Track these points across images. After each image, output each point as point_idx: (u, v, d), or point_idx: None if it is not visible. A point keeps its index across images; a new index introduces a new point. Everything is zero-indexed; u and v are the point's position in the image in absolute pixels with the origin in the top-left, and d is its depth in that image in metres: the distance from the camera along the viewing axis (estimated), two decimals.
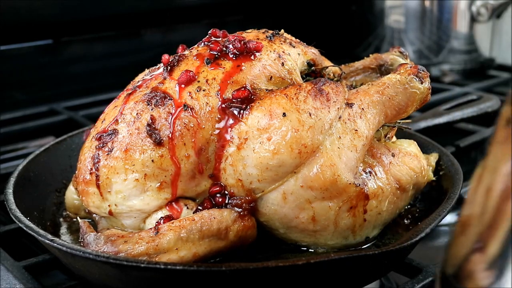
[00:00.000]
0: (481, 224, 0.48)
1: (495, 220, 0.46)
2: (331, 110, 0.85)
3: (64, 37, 1.75)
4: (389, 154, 0.90)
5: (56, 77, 1.75)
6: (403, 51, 1.05)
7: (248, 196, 0.85)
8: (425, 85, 0.92)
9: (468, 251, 0.49)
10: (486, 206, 0.48)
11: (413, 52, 1.97)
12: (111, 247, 0.80)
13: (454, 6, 1.91)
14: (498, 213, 0.46)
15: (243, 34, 0.96)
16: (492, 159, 0.48)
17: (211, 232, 0.82)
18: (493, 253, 0.45)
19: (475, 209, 0.49)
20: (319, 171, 0.82)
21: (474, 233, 0.49)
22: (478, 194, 0.50)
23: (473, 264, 0.47)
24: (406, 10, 1.97)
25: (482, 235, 0.47)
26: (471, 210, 0.51)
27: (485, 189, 0.49)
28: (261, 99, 0.85)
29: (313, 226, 0.86)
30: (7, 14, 1.55)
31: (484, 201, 0.48)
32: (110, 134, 0.87)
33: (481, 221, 0.48)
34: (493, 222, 0.46)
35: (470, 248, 0.49)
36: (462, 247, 0.50)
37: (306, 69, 0.97)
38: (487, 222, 0.47)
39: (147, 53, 1.89)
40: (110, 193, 0.86)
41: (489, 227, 0.47)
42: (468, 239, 0.49)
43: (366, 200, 0.86)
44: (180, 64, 0.90)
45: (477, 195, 0.51)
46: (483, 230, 0.47)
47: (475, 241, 0.48)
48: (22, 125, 1.54)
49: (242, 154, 0.84)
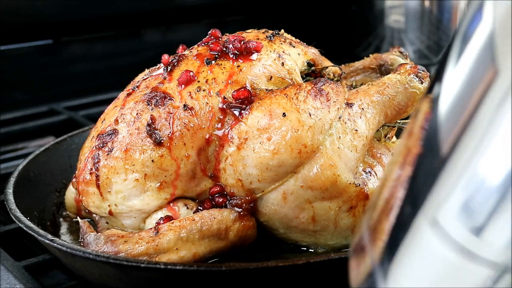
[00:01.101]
0: (370, 219, 0.45)
1: (377, 228, 0.43)
2: (331, 110, 0.85)
3: (64, 37, 1.74)
4: (389, 154, 0.90)
5: (56, 77, 1.75)
6: (403, 51, 1.05)
7: (248, 196, 0.85)
8: (425, 85, 0.92)
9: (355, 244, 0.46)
10: (379, 198, 0.45)
11: (413, 52, 1.97)
12: (111, 247, 0.80)
13: (454, 6, 1.91)
14: (380, 222, 0.43)
15: (243, 34, 0.96)
16: (398, 148, 0.45)
17: (211, 232, 0.82)
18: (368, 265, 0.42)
19: (375, 191, 0.46)
20: (319, 171, 0.82)
21: (366, 223, 0.45)
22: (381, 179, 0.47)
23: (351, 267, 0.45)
24: (406, 10, 1.96)
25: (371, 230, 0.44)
26: (376, 192, 0.47)
27: (384, 176, 0.46)
28: (261, 99, 0.85)
29: (313, 226, 0.86)
30: (7, 14, 1.55)
31: (380, 190, 0.45)
32: (110, 134, 0.87)
33: (371, 214, 0.45)
34: (376, 228, 0.43)
35: (357, 241, 0.46)
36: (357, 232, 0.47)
37: (306, 69, 0.97)
38: (374, 221, 0.44)
39: (147, 53, 1.89)
40: (110, 193, 0.85)
41: (373, 229, 0.43)
42: (361, 227, 0.46)
43: (366, 200, 0.85)
44: (180, 64, 0.90)
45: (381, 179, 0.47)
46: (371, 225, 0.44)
47: (360, 237, 0.45)
48: (22, 125, 1.53)
49: (242, 154, 0.84)
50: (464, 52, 0.40)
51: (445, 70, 0.41)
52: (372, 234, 0.43)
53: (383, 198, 0.44)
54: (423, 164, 0.40)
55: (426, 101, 0.43)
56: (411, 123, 0.44)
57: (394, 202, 0.42)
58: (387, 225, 0.42)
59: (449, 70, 0.41)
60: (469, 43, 0.40)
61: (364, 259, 0.43)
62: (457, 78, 0.40)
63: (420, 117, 0.42)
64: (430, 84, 0.43)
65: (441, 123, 0.39)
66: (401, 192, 0.41)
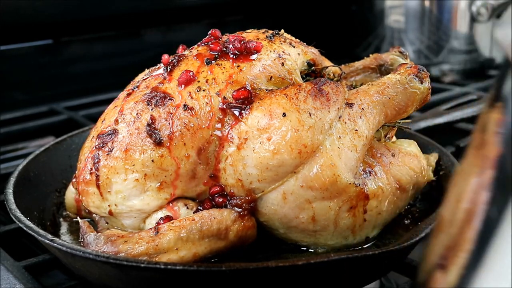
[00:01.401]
0: (448, 237, 0.45)
1: (458, 241, 0.43)
2: (331, 110, 0.85)
3: (64, 37, 1.75)
4: (389, 154, 0.90)
5: (56, 77, 1.75)
6: (403, 51, 1.05)
7: (248, 196, 0.85)
8: (425, 85, 0.92)
9: (435, 264, 0.46)
10: (454, 217, 0.45)
11: (413, 52, 1.97)
12: (111, 247, 0.80)
13: (454, 6, 1.91)
14: (461, 234, 0.43)
15: (243, 34, 0.96)
16: (467, 164, 0.46)
17: (211, 232, 0.82)
18: (451, 281, 0.42)
19: (447, 214, 0.47)
20: (319, 171, 0.82)
21: (441, 244, 0.46)
22: (451, 198, 0.48)
23: (435, 283, 0.44)
24: (406, 10, 1.97)
25: (446, 252, 0.45)
26: (445, 211, 0.48)
27: (456, 195, 0.47)
28: (261, 99, 0.85)
29: (313, 226, 0.86)
30: (7, 14, 1.55)
31: (454, 209, 0.46)
32: (110, 134, 0.87)
33: (448, 233, 0.45)
34: (456, 242, 0.44)
35: (436, 261, 0.46)
36: (432, 255, 0.47)
37: (306, 69, 0.97)
38: (452, 238, 0.44)
39: (147, 53, 1.89)
40: (110, 193, 0.86)
41: (453, 244, 0.44)
42: (436, 249, 0.47)
43: (366, 200, 0.86)
44: (180, 64, 0.90)
45: (451, 198, 0.48)
46: (448, 245, 0.45)
47: (440, 255, 0.45)
48: (22, 125, 1.54)
49: (242, 154, 0.84)
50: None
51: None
52: (452, 250, 0.44)
53: (462, 211, 0.44)
54: (507, 158, 0.41)
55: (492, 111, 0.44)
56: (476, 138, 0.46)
57: (477, 207, 0.42)
58: (471, 234, 0.42)
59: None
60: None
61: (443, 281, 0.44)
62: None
63: (491, 126, 0.43)
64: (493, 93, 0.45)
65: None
66: (484, 195, 0.42)
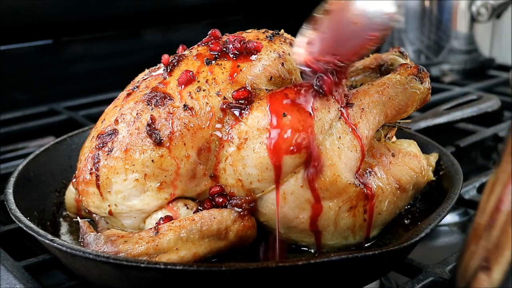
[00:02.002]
0: (489, 240, 0.46)
1: (501, 241, 0.44)
2: (331, 110, 0.85)
3: (64, 37, 1.75)
4: (389, 154, 0.90)
5: (56, 77, 1.75)
6: (403, 51, 1.05)
7: (248, 196, 0.85)
8: (425, 85, 0.92)
9: (477, 267, 0.47)
10: (495, 220, 0.46)
11: (413, 52, 1.97)
12: (111, 247, 0.80)
13: (454, 6, 1.91)
14: (504, 234, 0.44)
15: (243, 34, 0.96)
16: (504, 170, 0.46)
17: (211, 232, 0.83)
18: (496, 280, 0.43)
19: (485, 219, 0.48)
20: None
21: (482, 247, 0.47)
22: (490, 204, 0.49)
23: (480, 284, 0.45)
24: (406, 10, 1.97)
25: (489, 254, 0.45)
26: (482, 218, 0.48)
27: (495, 200, 0.47)
28: (261, 99, 0.85)
29: (313, 226, 0.86)
30: (7, 14, 1.55)
31: (494, 213, 0.46)
32: (110, 134, 0.87)
33: (489, 236, 0.46)
34: (499, 243, 0.44)
35: (478, 264, 0.47)
36: (472, 259, 0.48)
37: None
38: (494, 240, 0.45)
39: (147, 53, 1.89)
40: (110, 193, 0.86)
41: (495, 246, 0.45)
42: (477, 253, 0.47)
43: (366, 200, 0.86)
44: (180, 64, 0.90)
45: (489, 204, 0.49)
46: (490, 247, 0.45)
47: (483, 258, 0.46)
48: (22, 125, 1.54)
49: (242, 154, 0.84)
50: None
51: None
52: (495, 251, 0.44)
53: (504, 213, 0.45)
54: None
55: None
56: None
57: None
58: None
59: None
60: None
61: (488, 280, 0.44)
62: None
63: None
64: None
65: None
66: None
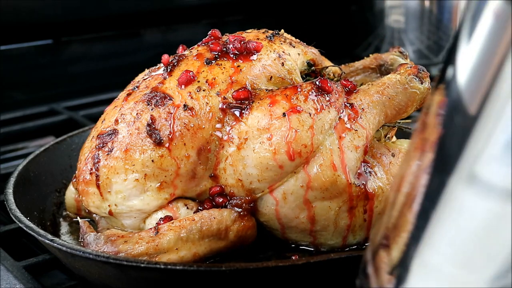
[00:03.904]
0: (390, 218, 0.46)
1: (398, 222, 0.45)
2: (331, 110, 0.85)
3: (64, 37, 1.74)
4: (389, 154, 0.90)
5: (56, 77, 1.75)
6: (403, 51, 1.05)
7: (248, 196, 0.85)
8: (425, 85, 0.92)
9: (378, 243, 0.47)
10: (396, 198, 0.46)
11: (413, 52, 1.97)
12: (111, 247, 0.80)
13: (454, 6, 1.91)
14: (402, 216, 0.45)
15: (243, 34, 0.96)
16: (411, 148, 0.47)
17: (211, 232, 0.83)
18: (394, 259, 0.44)
19: (390, 195, 0.48)
20: (319, 171, 0.82)
21: (384, 224, 0.47)
22: (396, 178, 0.49)
23: (379, 261, 0.46)
24: (406, 10, 1.96)
25: (388, 232, 0.46)
26: (390, 192, 0.49)
27: (400, 176, 0.47)
28: (261, 99, 0.85)
29: (313, 226, 0.86)
30: (7, 14, 1.55)
31: (396, 191, 0.47)
32: (110, 134, 0.87)
33: (390, 214, 0.46)
34: (397, 223, 0.45)
35: (379, 240, 0.47)
36: (377, 233, 0.48)
37: (306, 69, 0.97)
38: (394, 219, 0.46)
39: (147, 53, 1.89)
40: (110, 193, 0.86)
41: (394, 226, 0.45)
42: (380, 228, 0.48)
43: (366, 200, 0.85)
44: (180, 64, 0.90)
45: (395, 179, 0.49)
46: (390, 226, 0.46)
47: (383, 235, 0.47)
48: (22, 125, 1.53)
49: (242, 154, 0.84)
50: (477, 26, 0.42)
51: (457, 51, 0.43)
52: (393, 231, 0.45)
53: (402, 194, 0.45)
54: (447, 139, 0.42)
55: (436, 94, 0.45)
56: (421, 121, 0.46)
57: (417, 191, 0.43)
58: (411, 215, 0.43)
59: (462, 48, 0.43)
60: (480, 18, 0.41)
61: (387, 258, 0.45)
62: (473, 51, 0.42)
63: (433, 108, 0.44)
64: (438, 77, 0.46)
65: (462, 91, 0.41)
66: (424, 178, 0.43)
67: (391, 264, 0.44)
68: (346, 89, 0.88)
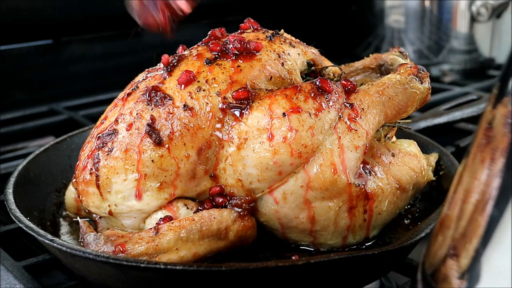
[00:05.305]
0: (457, 229, 0.48)
1: (468, 230, 0.46)
2: (331, 110, 0.85)
3: (64, 37, 1.75)
4: (389, 154, 0.90)
5: (56, 77, 1.75)
6: (403, 51, 1.05)
7: (248, 196, 0.85)
8: (425, 85, 0.92)
9: (445, 254, 0.49)
10: (463, 210, 0.48)
11: (413, 52, 1.97)
12: (111, 247, 0.80)
13: (454, 6, 1.91)
14: (472, 223, 0.46)
15: (243, 34, 0.96)
16: (472, 160, 0.48)
17: (211, 232, 0.83)
18: (464, 265, 0.46)
19: (454, 210, 0.50)
20: (319, 171, 0.82)
21: (450, 236, 0.49)
22: (458, 195, 0.50)
23: (448, 269, 0.47)
24: (406, 10, 1.97)
25: (456, 242, 0.48)
26: (450, 210, 0.50)
27: (463, 191, 0.49)
28: (261, 99, 0.85)
29: (313, 226, 0.86)
30: (7, 14, 1.55)
31: (462, 204, 0.48)
32: (110, 134, 0.87)
33: (457, 226, 0.48)
34: (467, 232, 0.47)
35: (446, 251, 0.49)
36: (440, 248, 0.50)
37: (306, 69, 0.97)
38: (462, 229, 0.47)
39: (147, 53, 1.89)
40: (110, 193, 0.86)
41: (463, 235, 0.47)
42: (445, 242, 0.49)
43: (366, 200, 0.86)
44: (180, 64, 0.91)
45: (457, 195, 0.51)
46: (457, 236, 0.48)
47: (451, 246, 0.48)
48: (22, 125, 1.53)
49: (242, 154, 0.84)
50: None
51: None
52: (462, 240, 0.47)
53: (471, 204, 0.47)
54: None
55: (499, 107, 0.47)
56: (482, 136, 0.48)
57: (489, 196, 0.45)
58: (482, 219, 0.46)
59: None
60: None
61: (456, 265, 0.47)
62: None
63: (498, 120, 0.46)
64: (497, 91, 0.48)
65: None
66: (496, 182, 0.45)
67: (460, 270, 0.46)
68: (346, 89, 0.88)
